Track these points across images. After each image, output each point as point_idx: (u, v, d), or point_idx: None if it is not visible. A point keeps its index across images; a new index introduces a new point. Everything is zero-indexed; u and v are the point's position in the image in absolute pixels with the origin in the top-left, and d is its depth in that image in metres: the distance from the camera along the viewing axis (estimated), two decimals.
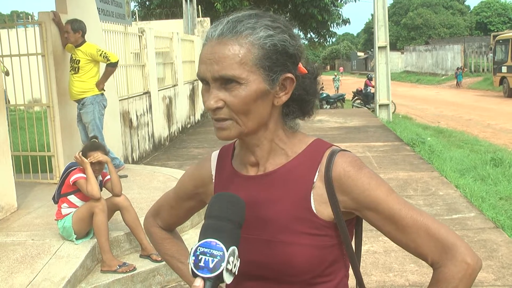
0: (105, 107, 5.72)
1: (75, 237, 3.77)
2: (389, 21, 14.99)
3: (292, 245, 1.05)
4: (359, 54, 67.48)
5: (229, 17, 1.04)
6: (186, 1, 14.59)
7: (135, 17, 15.78)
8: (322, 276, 1.09)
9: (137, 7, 21.88)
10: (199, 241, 0.92)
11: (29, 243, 3.84)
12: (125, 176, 5.73)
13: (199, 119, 12.94)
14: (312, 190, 1.08)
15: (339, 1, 20.83)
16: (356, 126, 11.69)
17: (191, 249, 0.92)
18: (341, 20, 20.92)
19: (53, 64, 5.61)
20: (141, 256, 3.95)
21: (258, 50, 1.01)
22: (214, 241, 0.91)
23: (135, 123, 8.12)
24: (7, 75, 8.15)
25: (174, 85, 10.75)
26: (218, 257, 0.89)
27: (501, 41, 24.04)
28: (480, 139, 11.26)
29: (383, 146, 9.11)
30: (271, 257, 1.07)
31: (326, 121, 12.71)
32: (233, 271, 0.91)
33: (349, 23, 21.26)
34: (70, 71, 5.61)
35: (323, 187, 1.07)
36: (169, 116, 10.17)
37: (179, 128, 10.93)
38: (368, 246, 4.40)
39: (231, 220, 0.95)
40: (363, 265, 4.04)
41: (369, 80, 18.68)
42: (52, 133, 5.71)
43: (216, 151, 1.25)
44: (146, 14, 20.14)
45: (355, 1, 23.31)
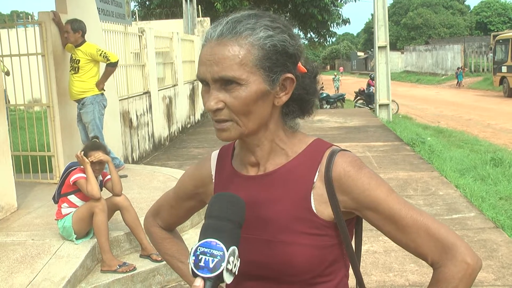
0: (105, 107, 5.72)
1: (75, 237, 3.77)
2: (389, 21, 14.99)
3: (292, 245, 1.05)
4: (359, 54, 67.46)
5: (228, 18, 1.04)
6: (186, 1, 14.59)
7: (135, 17, 15.78)
8: (322, 276, 1.09)
9: (137, 7, 21.89)
10: (199, 241, 0.92)
11: (29, 243, 3.84)
12: (125, 176, 5.73)
13: (199, 119, 12.94)
14: (312, 190, 1.08)
15: (339, 1, 20.82)
16: (356, 126, 11.69)
17: (191, 249, 0.92)
18: (341, 20, 20.92)
19: (53, 64, 5.61)
20: (141, 256, 3.95)
21: (258, 51, 1.01)
22: (214, 241, 0.91)
23: (135, 123, 8.12)
24: (8, 75, 8.15)
25: (174, 85, 10.75)
26: (218, 257, 0.89)
27: (501, 41, 24.04)
28: (480, 139, 11.26)
29: (383, 146, 9.11)
30: (271, 257, 1.07)
31: (326, 121, 12.71)
32: (233, 271, 0.91)
33: (349, 23, 21.26)
34: (70, 71, 5.61)
35: (323, 187, 1.07)
36: (169, 116, 10.18)
37: (179, 128, 10.94)
38: (368, 246, 4.40)
39: (231, 220, 0.95)
40: (363, 265, 4.04)
41: (371, 79, 18.65)
42: (52, 133, 5.71)
43: (216, 151, 1.25)
44: (146, 14, 20.14)
45: (355, 1, 23.38)
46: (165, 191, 1.38)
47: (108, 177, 3.94)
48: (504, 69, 22.66)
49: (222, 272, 0.89)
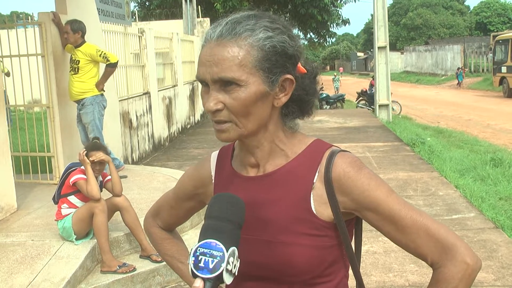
0: (104, 107, 5.72)
1: (75, 237, 3.77)
2: (389, 21, 15.00)
3: (292, 245, 1.06)
4: (358, 54, 67.50)
5: (228, 18, 1.04)
6: (186, 1, 14.59)
7: (135, 17, 15.77)
8: (322, 277, 1.09)
9: (137, 7, 21.91)
10: (199, 242, 0.92)
11: (29, 244, 3.84)
12: (124, 177, 5.73)
13: (199, 119, 12.94)
14: (312, 190, 1.08)
15: (339, 1, 20.84)
16: (356, 127, 11.69)
17: (191, 249, 0.92)
18: (340, 21, 20.93)
19: (53, 65, 5.61)
20: (141, 257, 3.95)
21: (258, 52, 1.01)
22: (214, 241, 0.91)
23: (135, 123, 8.12)
24: (8, 75, 8.16)
25: (174, 86, 10.75)
26: (218, 257, 0.89)
27: (500, 41, 24.05)
28: (480, 139, 11.26)
29: (383, 146, 9.11)
30: (271, 258, 1.07)
31: (326, 121, 12.71)
32: (233, 272, 0.91)
33: (348, 23, 21.27)
34: (69, 71, 5.61)
35: (322, 188, 1.07)
36: (169, 117, 10.18)
37: (179, 129, 10.94)
38: (368, 247, 4.40)
39: (231, 221, 0.95)
40: (363, 265, 4.04)
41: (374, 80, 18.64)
42: (52, 134, 5.71)
43: (215, 151, 1.25)
44: (146, 15, 20.15)
45: (355, 1, 23.29)
46: (165, 191, 1.38)
47: (108, 177, 3.94)
48: (503, 69, 22.68)
49: (221, 273, 0.89)
